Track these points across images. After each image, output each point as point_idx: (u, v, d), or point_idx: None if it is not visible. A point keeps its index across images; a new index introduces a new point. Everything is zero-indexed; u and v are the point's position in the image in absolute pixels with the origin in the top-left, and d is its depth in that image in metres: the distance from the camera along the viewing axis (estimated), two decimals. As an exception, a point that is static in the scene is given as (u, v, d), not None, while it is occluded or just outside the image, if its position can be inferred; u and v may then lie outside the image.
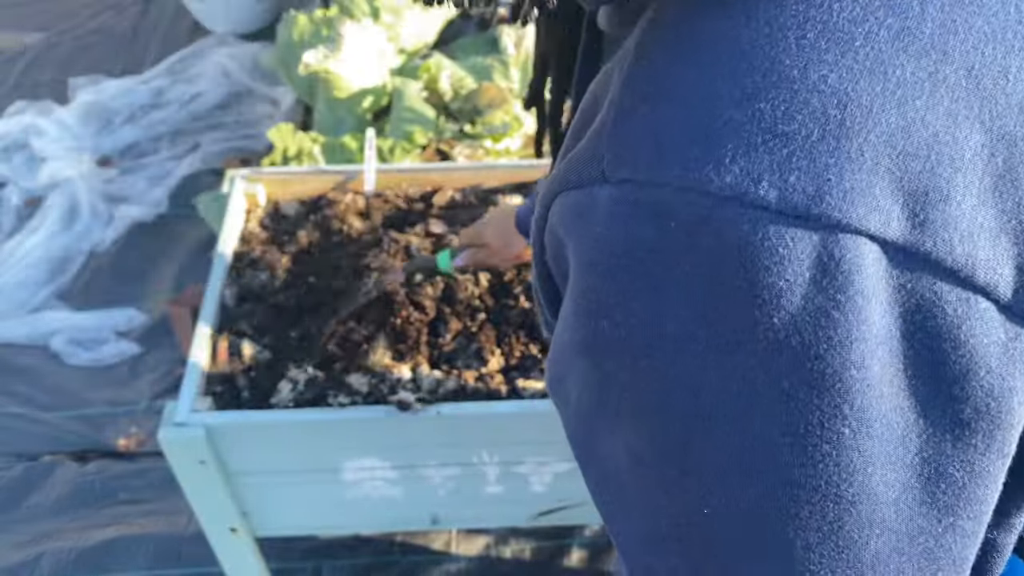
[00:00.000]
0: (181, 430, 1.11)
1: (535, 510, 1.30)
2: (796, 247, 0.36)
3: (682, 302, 0.39)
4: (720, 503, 0.41)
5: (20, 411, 1.98)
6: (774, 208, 0.37)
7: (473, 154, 1.85)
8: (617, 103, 0.42)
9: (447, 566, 1.66)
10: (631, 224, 0.39)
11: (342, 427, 1.14)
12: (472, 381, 1.18)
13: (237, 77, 2.78)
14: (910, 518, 0.40)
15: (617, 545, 0.49)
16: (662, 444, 0.42)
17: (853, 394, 0.38)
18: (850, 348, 0.37)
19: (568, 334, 0.45)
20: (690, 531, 0.43)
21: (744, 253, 0.37)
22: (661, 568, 0.45)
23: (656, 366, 0.40)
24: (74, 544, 1.74)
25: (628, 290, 0.40)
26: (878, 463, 0.39)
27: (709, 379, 0.39)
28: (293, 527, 1.35)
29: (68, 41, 3.06)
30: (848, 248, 0.37)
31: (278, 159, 1.81)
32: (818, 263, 0.37)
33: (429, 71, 2.03)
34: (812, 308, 0.37)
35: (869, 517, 0.40)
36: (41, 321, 2.15)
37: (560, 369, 0.47)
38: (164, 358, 2.08)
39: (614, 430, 0.44)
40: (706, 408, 0.40)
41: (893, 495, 0.40)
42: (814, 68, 0.37)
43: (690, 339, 0.39)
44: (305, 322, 1.28)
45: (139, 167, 2.54)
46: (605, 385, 0.43)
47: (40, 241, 2.31)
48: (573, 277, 0.44)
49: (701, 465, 0.41)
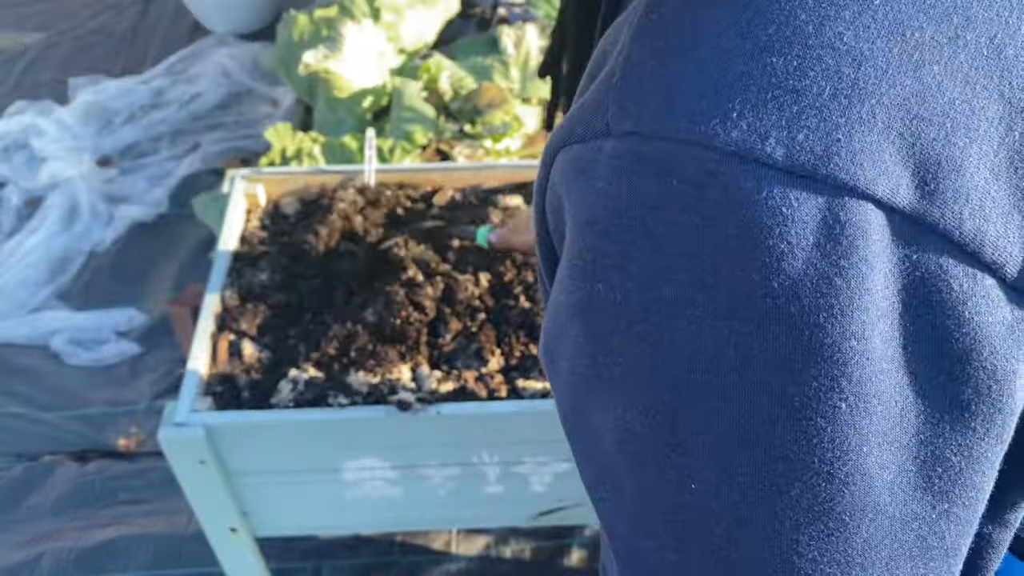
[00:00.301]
0: (181, 430, 1.11)
1: (535, 510, 1.30)
2: (800, 208, 0.35)
3: (681, 264, 0.38)
4: (709, 477, 0.40)
5: (20, 411, 1.99)
6: (780, 166, 0.35)
7: (473, 154, 1.85)
8: (626, 55, 0.41)
9: (447, 566, 1.66)
10: (633, 179, 0.38)
11: (342, 427, 1.14)
12: (472, 381, 1.18)
13: (237, 77, 2.78)
14: (904, 502, 0.39)
15: (604, 527, 0.47)
16: (653, 414, 0.40)
17: (851, 367, 0.37)
18: (851, 318, 0.36)
19: (563, 297, 0.43)
20: (678, 508, 0.42)
21: (746, 211, 0.36)
22: (649, 549, 0.44)
23: (651, 331, 0.39)
24: (74, 544, 1.74)
25: (627, 251, 0.39)
26: (874, 442, 0.38)
27: (704, 346, 0.38)
28: (293, 527, 1.35)
29: (68, 41, 3.06)
30: (854, 212, 0.35)
31: (276, 159, 1.81)
32: (822, 226, 0.35)
33: (429, 71, 2.03)
34: (813, 273, 0.36)
35: (862, 499, 0.39)
36: (41, 321, 2.15)
37: (554, 335, 0.46)
38: (164, 358, 2.08)
39: (606, 401, 0.43)
40: (699, 377, 0.38)
41: (888, 477, 0.39)
42: (830, 25, 0.36)
43: (687, 304, 0.38)
44: (305, 322, 1.28)
45: (139, 167, 2.55)
46: (598, 351, 0.42)
47: (40, 241, 2.31)
48: (570, 237, 0.43)
49: (691, 437, 0.40)
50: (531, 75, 2.06)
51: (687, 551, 0.42)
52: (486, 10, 2.46)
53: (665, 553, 0.43)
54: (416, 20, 2.10)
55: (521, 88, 2.04)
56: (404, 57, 2.10)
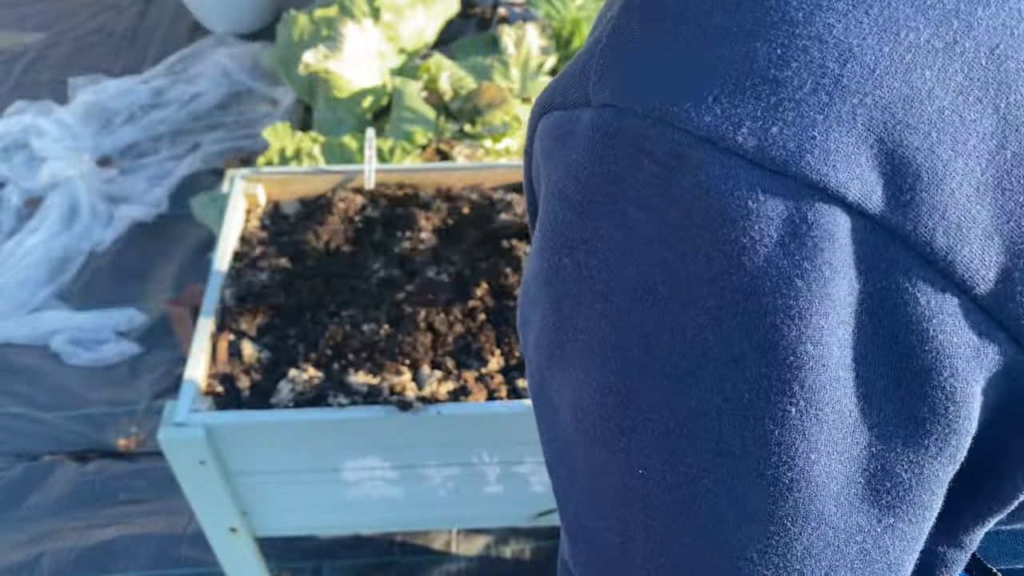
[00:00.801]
0: (181, 430, 1.12)
1: (535, 510, 1.30)
2: (767, 203, 0.34)
3: (646, 246, 0.37)
4: (656, 464, 0.39)
5: (20, 411, 1.99)
6: (750, 158, 0.34)
7: (473, 154, 1.85)
8: (615, 23, 0.40)
9: (447, 566, 1.66)
10: (606, 154, 0.37)
11: (342, 427, 1.14)
12: (472, 381, 1.18)
13: (237, 77, 2.78)
14: (849, 514, 0.38)
15: (559, 508, 0.47)
16: (607, 394, 0.40)
17: (805, 372, 0.35)
18: (808, 322, 0.35)
19: (536, 265, 0.43)
20: (625, 492, 0.41)
21: (712, 200, 0.35)
22: (598, 529, 0.44)
23: (611, 312, 0.38)
24: (74, 544, 1.74)
25: (594, 227, 0.38)
26: (823, 451, 0.37)
27: (661, 334, 0.37)
28: (293, 527, 1.35)
29: (68, 41, 3.06)
30: (822, 214, 0.34)
31: (275, 158, 1.81)
32: (788, 224, 0.34)
33: (429, 71, 2.03)
34: (774, 272, 0.34)
35: (806, 507, 0.38)
36: (41, 321, 2.15)
37: (527, 303, 0.45)
38: (164, 358, 2.08)
39: (565, 376, 0.42)
40: (653, 364, 0.37)
41: (835, 488, 0.38)
42: (820, 15, 0.35)
43: (649, 288, 0.37)
44: (305, 322, 1.28)
45: (139, 167, 2.55)
46: (561, 327, 0.41)
47: (40, 241, 2.31)
48: (543, 207, 0.42)
49: (641, 421, 0.39)
50: (531, 75, 2.06)
51: (631, 535, 0.42)
52: (486, 10, 2.46)
53: (612, 535, 0.43)
54: (416, 20, 2.10)
55: (521, 88, 2.04)
56: (404, 57, 2.10)
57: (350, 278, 1.34)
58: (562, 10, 2.23)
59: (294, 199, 1.49)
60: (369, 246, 1.38)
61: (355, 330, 1.23)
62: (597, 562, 0.45)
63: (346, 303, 1.29)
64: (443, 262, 1.34)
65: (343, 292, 1.31)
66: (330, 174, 1.49)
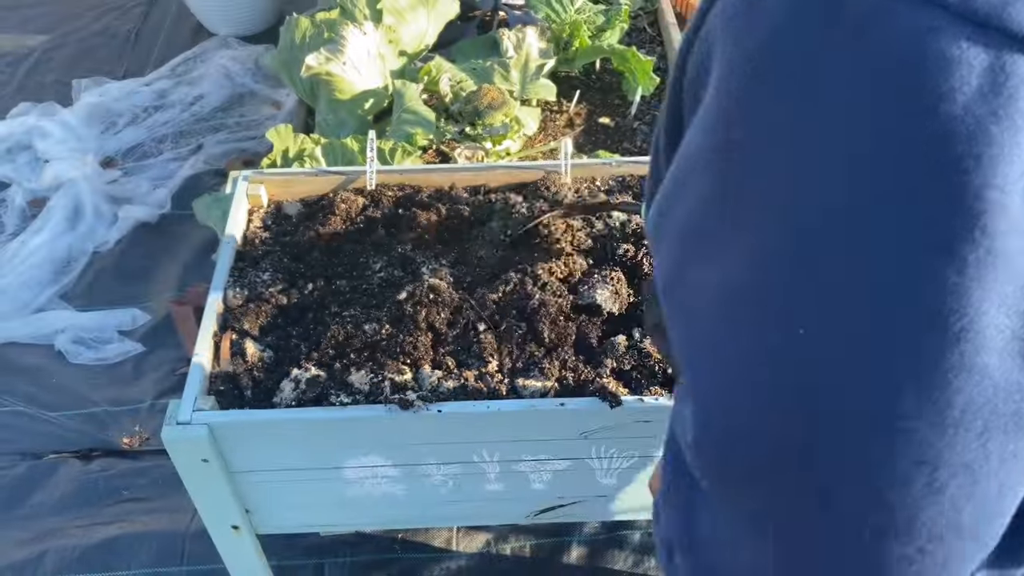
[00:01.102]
0: (184, 429, 1.13)
1: (535, 508, 1.31)
2: (968, 53, 0.35)
3: (832, 106, 0.38)
4: (821, 320, 0.40)
5: (24, 410, 2.00)
6: (954, 10, 0.35)
7: (473, 156, 1.86)
8: None
9: (448, 563, 1.67)
10: (801, 12, 0.38)
11: (344, 426, 1.15)
12: (472, 381, 1.19)
13: (239, 79, 2.80)
14: (1011, 371, 0.39)
15: (691, 386, 0.47)
16: (774, 261, 0.40)
17: (986, 217, 0.36)
18: (996, 169, 0.36)
19: (698, 139, 0.43)
20: (779, 361, 0.41)
21: (913, 49, 0.36)
22: (744, 403, 0.44)
23: (790, 175, 0.39)
24: (78, 542, 1.75)
25: (778, 93, 0.39)
26: (993, 301, 0.37)
27: (839, 193, 0.38)
28: (295, 525, 1.36)
29: (72, 43, 3.08)
30: (1020, 66, 0.35)
31: (277, 159, 1.82)
32: (987, 74, 0.35)
33: (430, 73, 2.04)
34: (971, 120, 0.35)
35: (971, 359, 0.38)
36: (45, 321, 2.16)
37: (676, 184, 0.45)
38: (167, 357, 2.09)
39: (717, 252, 0.43)
40: (834, 224, 0.38)
41: (1000, 342, 0.38)
42: None
43: (831, 151, 0.38)
44: (307, 322, 1.29)
45: (142, 168, 2.56)
46: (725, 196, 0.42)
47: (44, 241, 2.32)
48: (716, 84, 0.42)
49: (817, 280, 0.39)
50: (531, 77, 2.07)
51: (780, 394, 0.43)
52: (486, 13, 2.47)
53: (757, 391, 0.43)
54: (417, 23, 2.11)
55: (521, 90, 2.05)
56: (405, 59, 2.11)
57: (351, 278, 1.35)
58: (562, 13, 2.25)
59: (296, 200, 1.50)
60: (370, 246, 1.39)
61: (357, 330, 1.24)
62: (755, 424, 0.45)
63: (348, 303, 1.30)
64: (456, 264, 1.35)
65: (345, 292, 1.33)
66: (332, 175, 1.51)
